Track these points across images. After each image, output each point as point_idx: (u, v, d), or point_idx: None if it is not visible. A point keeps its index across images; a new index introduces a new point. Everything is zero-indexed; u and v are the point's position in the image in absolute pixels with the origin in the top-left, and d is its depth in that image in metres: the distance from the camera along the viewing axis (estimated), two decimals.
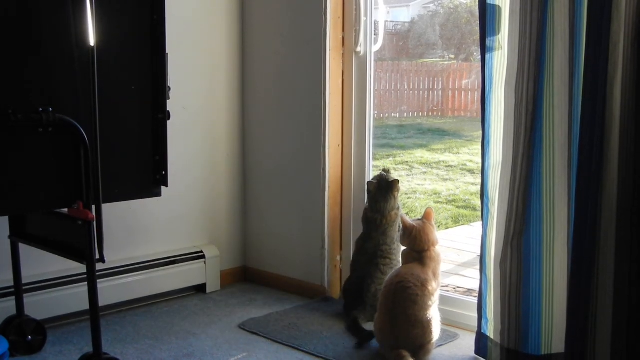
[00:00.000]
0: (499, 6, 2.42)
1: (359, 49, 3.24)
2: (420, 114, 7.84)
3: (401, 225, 2.73)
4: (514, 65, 2.38)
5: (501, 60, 2.43)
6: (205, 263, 3.41)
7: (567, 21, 2.28)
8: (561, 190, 2.35)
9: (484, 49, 2.46)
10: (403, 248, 2.75)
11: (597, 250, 2.16)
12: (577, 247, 2.22)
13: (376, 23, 3.28)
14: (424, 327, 2.53)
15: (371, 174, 3.29)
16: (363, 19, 3.21)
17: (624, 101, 2.12)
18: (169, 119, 2.38)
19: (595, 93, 2.14)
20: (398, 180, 3.02)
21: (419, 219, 2.72)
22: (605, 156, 2.13)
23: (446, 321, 2.88)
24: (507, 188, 2.43)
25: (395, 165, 6.84)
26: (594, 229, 2.16)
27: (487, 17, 2.44)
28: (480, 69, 2.49)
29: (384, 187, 3.01)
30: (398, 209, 3.04)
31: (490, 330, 2.56)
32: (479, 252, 2.60)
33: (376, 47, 3.28)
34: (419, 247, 2.67)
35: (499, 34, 2.43)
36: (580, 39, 2.25)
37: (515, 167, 2.41)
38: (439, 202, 5.96)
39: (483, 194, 2.54)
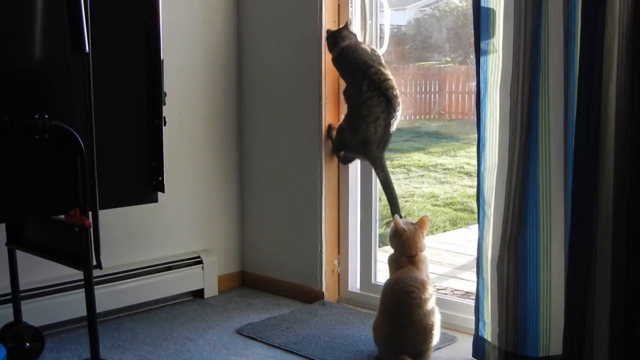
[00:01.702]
0: (493, 9, 2.42)
1: None
2: (417, 117, 7.84)
3: (392, 226, 2.73)
4: (509, 68, 2.38)
5: (496, 63, 2.43)
6: (202, 268, 3.41)
7: (561, 24, 2.28)
8: (557, 192, 2.36)
9: (479, 52, 2.46)
10: (391, 252, 2.76)
11: (593, 251, 2.17)
12: (574, 249, 2.23)
13: (381, 26, 3.26)
14: (427, 332, 2.54)
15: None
16: (368, 22, 3.20)
17: (619, 103, 2.13)
18: (165, 124, 2.39)
19: (590, 95, 2.15)
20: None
21: (412, 223, 2.71)
22: (600, 158, 2.14)
23: (444, 324, 2.88)
24: (503, 190, 2.44)
25: (393, 168, 6.84)
26: (590, 230, 2.17)
27: (481, 20, 2.44)
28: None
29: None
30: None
31: (488, 333, 2.56)
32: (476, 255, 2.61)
33: (382, 51, 3.24)
34: (407, 252, 2.67)
35: (493, 37, 2.44)
36: (574, 42, 2.25)
37: (511, 169, 2.41)
38: (436, 205, 5.97)
39: (479, 196, 2.54)
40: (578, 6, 2.22)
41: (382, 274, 3.33)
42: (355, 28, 3.25)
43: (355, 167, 3.33)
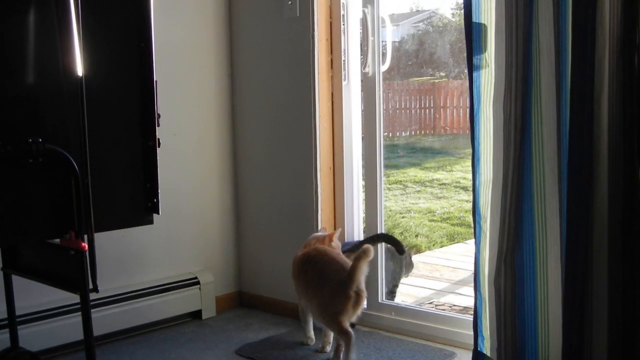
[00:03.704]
0: (484, 24, 2.43)
1: (367, 69, 3.21)
2: (412, 133, 7.85)
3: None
4: (502, 83, 2.39)
5: (488, 77, 2.44)
6: (200, 289, 3.40)
7: (552, 37, 2.29)
8: (552, 205, 2.36)
9: (471, 67, 2.46)
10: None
11: (590, 263, 2.17)
12: (570, 262, 2.22)
13: (383, 43, 3.24)
14: None
15: (361, 195, 3.29)
16: (370, 38, 3.21)
17: (611, 114, 2.13)
18: (159, 146, 2.38)
19: (583, 108, 2.15)
20: None
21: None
22: (594, 169, 2.14)
23: (443, 340, 2.88)
24: (498, 205, 2.44)
25: (389, 184, 6.84)
26: (586, 242, 2.16)
27: (473, 35, 2.45)
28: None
29: None
30: None
31: (487, 348, 2.55)
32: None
33: (384, 68, 3.23)
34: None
35: (485, 51, 2.45)
36: (566, 55, 2.26)
37: (506, 183, 2.41)
38: (433, 220, 5.96)
39: (475, 211, 2.54)
40: (568, 19, 2.23)
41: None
42: (350, 45, 3.27)
43: (351, 181, 3.33)
